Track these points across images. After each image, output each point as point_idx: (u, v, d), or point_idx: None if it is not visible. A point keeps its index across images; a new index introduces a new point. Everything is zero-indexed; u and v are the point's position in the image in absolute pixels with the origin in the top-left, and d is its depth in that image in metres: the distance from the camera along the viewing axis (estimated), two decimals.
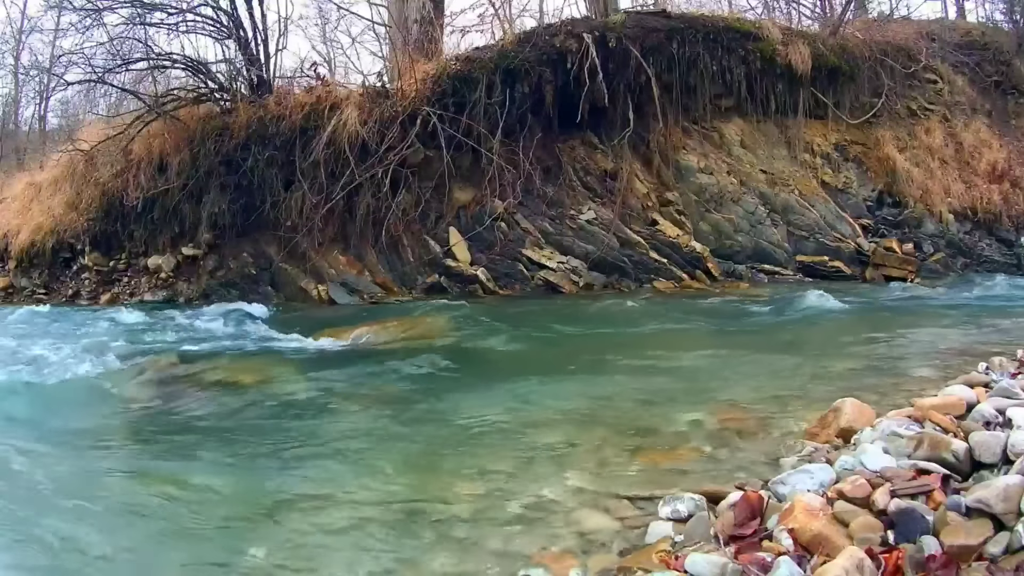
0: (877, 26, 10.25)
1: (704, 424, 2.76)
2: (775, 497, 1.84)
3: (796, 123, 8.66)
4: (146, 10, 8.78)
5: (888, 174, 8.75)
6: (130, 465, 2.72)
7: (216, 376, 4.04)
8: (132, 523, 2.15)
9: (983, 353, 3.41)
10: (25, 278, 9.34)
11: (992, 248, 8.82)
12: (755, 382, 3.40)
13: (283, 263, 8.07)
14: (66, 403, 3.57)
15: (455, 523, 2.03)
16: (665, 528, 1.83)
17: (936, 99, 9.58)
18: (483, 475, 2.37)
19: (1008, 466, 1.70)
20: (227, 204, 7.96)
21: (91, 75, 9.04)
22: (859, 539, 1.54)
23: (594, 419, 2.96)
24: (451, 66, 7.90)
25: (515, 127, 7.75)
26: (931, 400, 2.20)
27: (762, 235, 8.17)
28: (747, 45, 8.41)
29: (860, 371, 3.54)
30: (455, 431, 2.99)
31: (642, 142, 8.21)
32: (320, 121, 7.76)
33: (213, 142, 8.06)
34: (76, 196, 8.76)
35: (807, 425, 2.56)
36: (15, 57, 17.91)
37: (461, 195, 7.93)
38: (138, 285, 8.65)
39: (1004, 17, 12.43)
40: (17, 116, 18.64)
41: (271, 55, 8.84)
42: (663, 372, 3.84)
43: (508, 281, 7.71)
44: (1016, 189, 9.09)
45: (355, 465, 2.56)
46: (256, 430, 3.16)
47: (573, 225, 7.92)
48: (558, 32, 8.06)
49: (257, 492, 2.35)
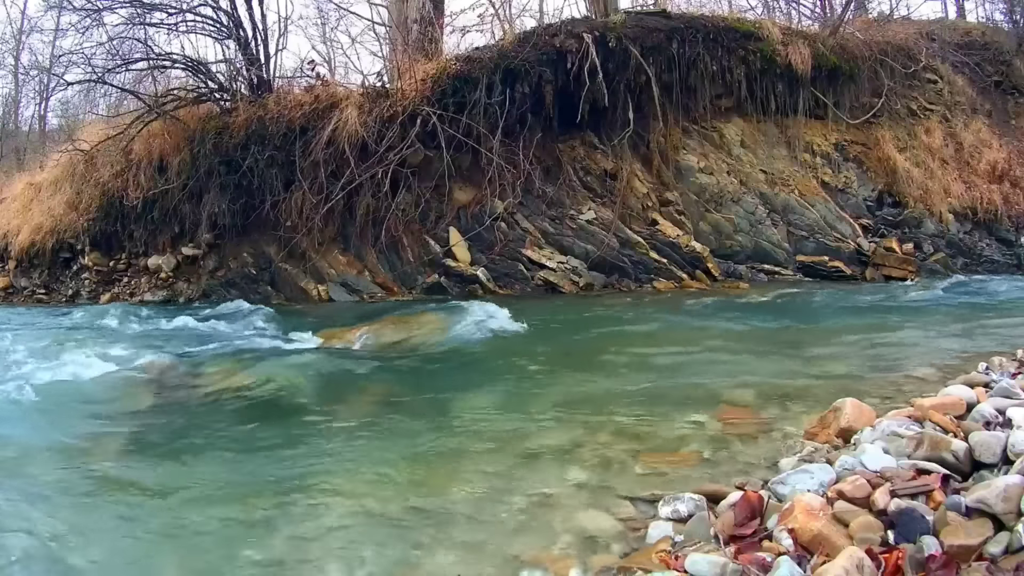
0: (877, 26, 10.24)
1: (704, 424, 2.76)
2: (775, 497, 1.84)
3: (796, 123, 8.66)
4: (146, 10, 8.80)
5: (888, 174, 8.76)
6: (129, 466, 2.71)
7: (216, 376, 4.04)
8: (131, 524, 2.15)
9: (983, 353, 3.41)
10: (25, 278, 9.35)
11: (992, 248, 8.82)
12: (755, 382, 3.40)
13: (283, 263, 8.07)
14: (65, 403, 3.56)
15: (455, 523, 2.03)
16: (665, 528, 1.84)
17: (936, 99, 9.58)
18: (483, 475, 2.37)
19: (1008, 466, 1.70)
20: (227, 204, 7.97)
21: (91, 75, 9.08)
22: (859, 539, 1.54)
23: (594, 419, 2.95)
24: (451, 66, 7.91)
25: (515, 127, 7.75)
26: (931, 400, 2.20)
27: (762, 235, 8.17)
28: (747, 45, 8.42)
29: (860, 371, 3.54)
30: (455, 431, 2.99)
31: (642, 142, 8.21)
32: (320, 121, 7.77)
33: (213, 142, 8.07)
34: (76, 196, 8.78)
35: (807, 425, 2.56)
36: (15, 57, 17.93)
37: (461, 195, 7.93)
38: (138, 285, 8.66)
39: (1004, 17, 12.44)
40: (17, 116, 18.67)
41: (271, 55, 8.87)
42: (663, 372, 3.84)
43: (508, 281, 7.71)
44: (1016, 189, 9.09)
45: (355, 465, 2.56)
46: (254, 431, 3.16)
47: (573, 225, 7.92)
48: (558, 32, 8.06)
49: (256, 492, 2.34)
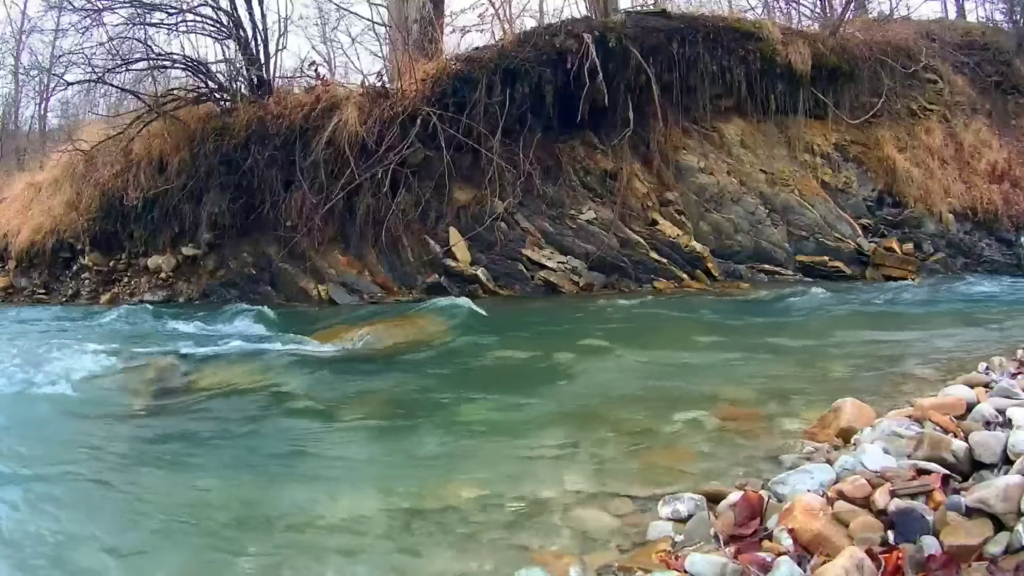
0: (877, 26, 10.25)
1: (704, 424, 2.76)
2: (775, 497, 1.84)
3: (796, 123, 8.66)
4: (146, 10, 8.79)
5: (888, 174, 8.76)
6: (128, 466, 2.71)
7: (215, 377, 4.04)
8: (130, 524, 2.15)
9: (983, 353, 3.41)
10: (25, 278, 9.35)
11: (992, 248, 8.82)
12: (755, 382, 3.40)
13: (283, 263, 8.07)
14: (65, 404, 3.56)
15: (454, 521, 2.03)
16: (665, 528, 1.84)
17: (936, 99, 9.58)
18: (483, 474, 2.37)
19: (1008, 466, 1.70)
20: (227, 204, 7.96)
21: (91, 75, 9.06)
22: (859, 539, 1.54)
23: (594, 419, 2.95)
24: (451, 66, 7.90)
25: (515, 127, 7.75)
26: (931, 400, 2.20)
27: (762, 235, 8.17)
28: (747, 45, 8.42)
29: (860, 371, 3.54)
30: (455, 430, 2.99)
31: (642, 142, 8.21)
32: (320, 121, 7.76)
33: (213, 142, 8.07)
34: (76, 196, 8.78)
35: (807, 425, 2.56)
36: (15, 57, 17.93)
37: (461, 195, 7.92)
38: (138, 285, 8.65)
39: (1004, 17, 12.47)
40: (17, 116, 18.66)
41: (271, 55, 8.85)
42: (663, 372, 3.84)
43: (508, 281, 7.71)
44: (1016, 189, 9.09)
45: (355, 465, 2.56)
46: (255, 431, 3.16)
47: (573, 225, 7.91)
48: (558, 32, 8.06)
49: (256, 492, 2.35)
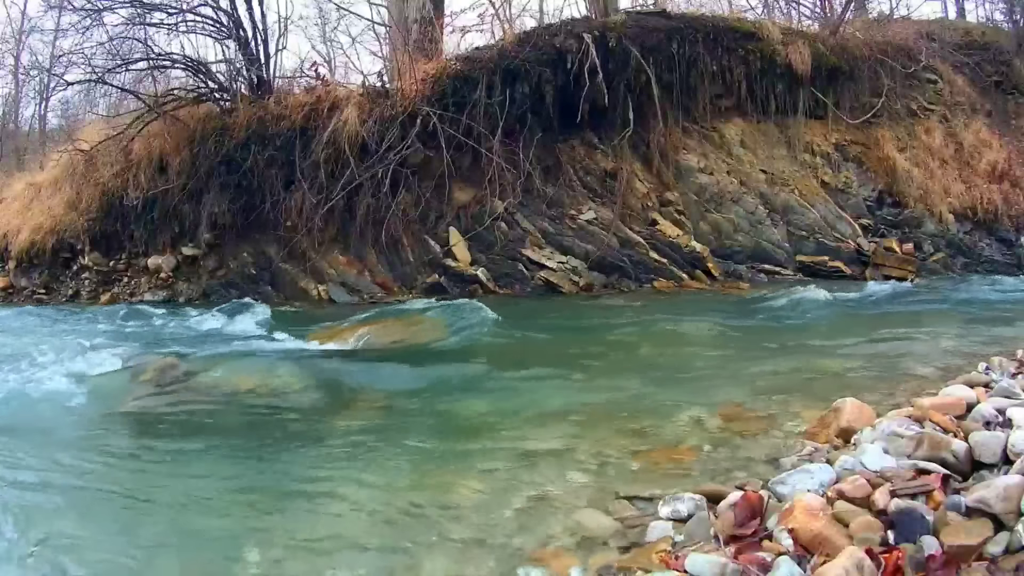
0: (877, 26, 10.25)
1: (704, 424, 2.76)
2: (775, 497, 1.85)
3: (796, 123, 8.66)
4: (146, 10, 8.79)
5: (888, 174, 8.75)
6: (129, 466, 2.71)
7: (216, 377, 4.03)
8: (131, 524, 2.15)
9: (983, 353, 3.41)
10: (25, 278, 9.34)
11: (992, 248, 8.82)
12: (755, 382, 3.40)
13: (283, 263, 8.07)
14: (65, 404, 3.56)
15: (455, 522, 2.03)
16: (665, 528, 1.84)
17: (936, 99, 9.58)
18: (483, 474, 2.37)
19: (1008, 466, 1.71)
20: (227, 204, 7.96)
21: (91, 75, 9.06)
22: (859, 539, 1.54)
23: (594, 419, 2.95)
24: (451, 66, 7.91)
25: (515, 127, 7.75)
26: (931, 400, 2.21)
27: (762, 235, 8.17)
28: (747, 45, 8.42)
29: (860, 371, 3.54)
30: (455, 430, 2.99)
31: (642, 142, 8.21)
32: (320, 121, 7.76)
33: (213, 142, 8.07)
34: (76, 196, 8.77)
35: (807, 425, 2.56)
36: (15, 57, 17.91)
37: (461, 195, 7.92)
38: (138, 285, 8.65)
39: (1004, 17, 12.46)
40: (17, 116, 18.64)
41: (271, 55, 8.86)
42: (663, 372, 3.84)
43: (508, 281, 7.71)
44: (1016, 189, 9.08)
45: (355, 465, 2.56)
46: (255, 431, 3.16)
47: (573, 225, 7.92)
48: (558, 32, 8.06)
49: (256, 492, 2.35)
